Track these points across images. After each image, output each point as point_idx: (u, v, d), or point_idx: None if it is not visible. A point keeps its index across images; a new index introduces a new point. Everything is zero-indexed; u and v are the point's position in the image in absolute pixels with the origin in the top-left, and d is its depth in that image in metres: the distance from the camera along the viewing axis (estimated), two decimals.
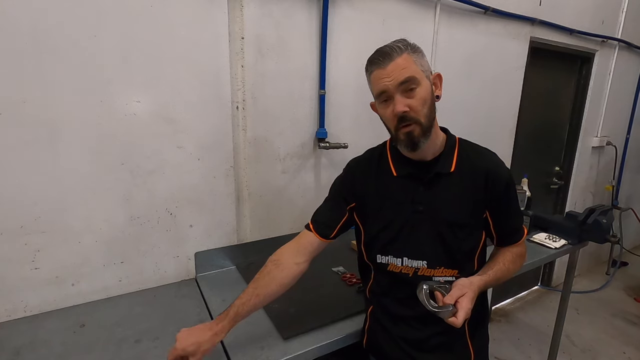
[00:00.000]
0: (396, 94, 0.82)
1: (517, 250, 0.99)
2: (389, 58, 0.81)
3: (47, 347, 1.00)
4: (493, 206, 0.91)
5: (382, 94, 0.84)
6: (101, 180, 1.18)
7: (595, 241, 1.75)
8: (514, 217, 0.97)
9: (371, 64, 0.85)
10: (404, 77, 0.80)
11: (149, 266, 1.31)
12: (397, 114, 0.82)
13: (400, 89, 0.81)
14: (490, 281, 0.89)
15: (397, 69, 0.81)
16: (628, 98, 3.21)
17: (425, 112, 0.83)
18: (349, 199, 0.99)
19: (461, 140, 0.96)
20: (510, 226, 0.97)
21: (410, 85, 0.81)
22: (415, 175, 0.91)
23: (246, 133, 1.42)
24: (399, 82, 0.80)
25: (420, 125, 0.83)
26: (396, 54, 0.81)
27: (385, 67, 0.81)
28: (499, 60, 2.16)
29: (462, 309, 0.77)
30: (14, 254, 1.09)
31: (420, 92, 0.82)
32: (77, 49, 1.08)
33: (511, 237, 0.98)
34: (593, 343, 2.48)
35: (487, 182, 0.89)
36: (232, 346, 0.99)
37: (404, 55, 0.81)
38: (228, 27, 1.29)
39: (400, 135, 0.85)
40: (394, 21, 1.69)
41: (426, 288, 0.81)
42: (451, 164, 0.90)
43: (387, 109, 0.85)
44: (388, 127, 0.89)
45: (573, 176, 2.98)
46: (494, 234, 0.96)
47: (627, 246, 3.47)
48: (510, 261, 0.95)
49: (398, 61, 0.81)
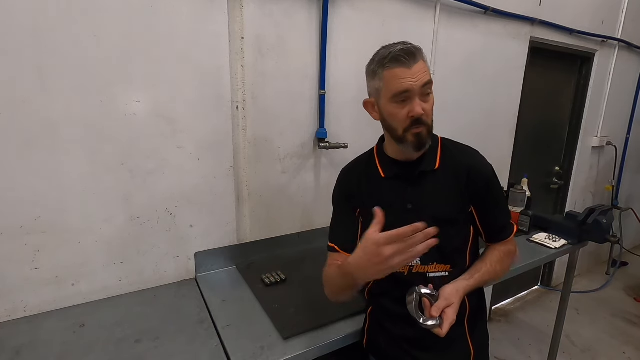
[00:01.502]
0: (416, 96, 0.82)
1: (506, 248, 0.99)
2: (414, 59, 0.81)
3: (47, 347, 1.00)
4: (476, 201, 0.93)
5: (403, 94, 0.82)
6: (101, 180, 1.18)
7: (595, 241, 1.75)
8: (499, 213, 0.98)
9: (394, 61, 0.81)
10: (426, 80, 0.82)
11: (149, 266, 1.31)
12: (415, 116, 0.83)
13: (421, 92, 0.82)
14: (475, 285, 0.90)
15: (420, 71, 0.81)
16: (628, 98, 3.21)
17: (432, 117, 0.87)
18: (353, 205, 1.01)
19: (444, 139, 0.98)
20: (497, 222, 0.97)
21: (428, 90, 0.84)
22: (402, 175, 0.93)
23: (246, 133, 1.42)
24: (422, 83, 0.82)
25: (428, 128, 0.86)
26: (419, 56, 0.82)
27: (410, 67, 0.80)
28: (499, 60, 2.16)
29: (447, 320, 0.79)
30: (14, 254, 1.09)
31: (432, 98, 0.86)
32: (77, 49, 1.08)
33: (499, 233, 0.98)
34: (593, 343, 2.48)
35: (469, 177, 0.91)
36: (232, 346, 0.99)
37: (422, 60, 0.83)
38: (228, 27, 1.29)
39: (409, 137, 0.85)
40: (394, 21, 1.69)
41: (415, 298, 0.82)
42: (435, 161, 0.93)
43: (403, 109, 0.84)
44: (394, 127, 0.87)
45: (573, 176, 2.98)
46: (481, 230, 0.97)
47: (627, 246, 3.47)
48: (498, 261, 0.95)
49: (420, 63, 0.82)
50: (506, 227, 0.99)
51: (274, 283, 1.31)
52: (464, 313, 0.96)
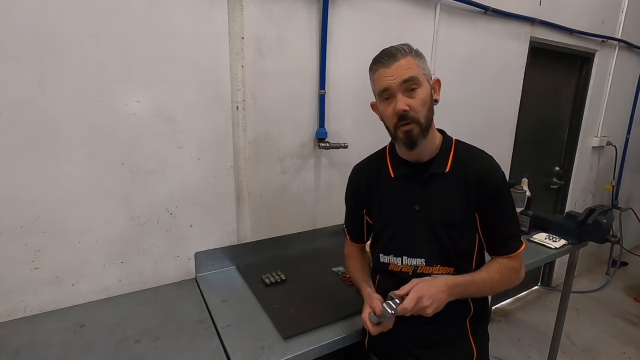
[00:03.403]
0: (398, 93, 0.84)
1: (509, 263, 0.92)
2: (393, 58, 0.84)
3: (47, 347, 1.00)
4: (482, 208, 0.90)
5: (384, 92, 0.86)
6: (101, 180, 1.17)
7: (595, 241, 1.75)
8: (506, 223, 0.92)
9: (376, 63, 0.87)
10: (406, 76, 0.83)
11: (149, 266, 1.31)
12: (397, 112, 0.84)
13: (402, 88, 0.84)
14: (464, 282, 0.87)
15: (400, 69, 0.83)
16: (628, 98, 3.21)
17: (424, 113, 0.86)
18: (361, 204, 1.04)
19: (458, 141, 0.97)
20: (501, 232, 0.92)
21: (412, 85, 0.84)
22: (412, 176, 0.93)
23: (246, 133, 1.42)
24: (401, 80, 0.83)
25: (420, 124, 0.85)
26: (401, 55, 0.84)
27: (389, 66, 0.84)
28: (499, 60, 2.16)
29: (401, 290, 0.82)
30: (14, 254, 1.09)
31: (420, 93, 0.85)
32: (77, 49, 1.08)
33: (502, 245, 0.92)
34: (593, 343, 2.48)
35: (479, 182, 0.89)
36: (232, 346, 0.99)
37: (408, 58, 0.85)
38: (228, 27, 1.29)
39: (399, 134, 0.87)
40: (394, 21, 1.69)
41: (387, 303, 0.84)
42: (446, 164, 0.92)
43: (389, 107, 0.87)
44: (387, 125, 0.91)
45: (573, 176, 2.97)
46: (483, 239, 0.93)
47: (627, 246, 3.47)
48: (497, 270, 0.91)
49: (402, 62, 0.84)
50: (511, 240, 0.93)
51: (274, 283, 1.31)
52: (467, 313, 0.96)
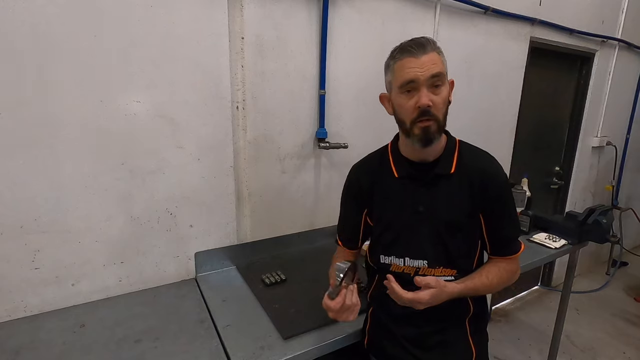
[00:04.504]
0: (423, 87, 0.81)
1: (508, 266, 0.95)
2: (422, 49, 0.81)
3: (47, 347, 1.00)
4: (486, 210, 0.90)
5: (410, 83, 0.82)
6: (101, 180, 1.17)
7: (595, 241, 1.75)
8: (508, 226, 0.94)
9: (402, 52, 0.83)
10: (435, 71, 0.81)
11: (149, 266, 1.31)
12: (421, 106, 0.81)
13: (429, 83, 0.81)
14: (466, 292, 0.88)
15: (429, 62, 0.80)
16: (628, 98, 3.21)
17: (443, 112, 0.85)
18: (362, 205, 1.00)
19: (461, 142, 0.96)
20: (504, 234, 0.94)
21: (438, 82, 0.82)
22: (416, 177, 0.91)
23: (246, 133, 1.42)
24: (430, 74, 0.80)
25: (438, 122, 0.84)
26: (430, 48, 0.81)
27: (418, 57, 0.80)
28: (499, 60, 2.16)
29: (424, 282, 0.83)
30: (14, 254, 1.09)
31: (443, 91, 0.83)
32: (77, 49, 1.08)
33: (504, 247, 0.95)
34: (593, 343, 2.48)
35: (483, 184, 0.89)
36: (232, 346, 0.99)
37: (435, 52, 0.82)
38: (228, 27, 1.29)
39: (416, 129, 0.84)
40: (394, 21, 1.68)
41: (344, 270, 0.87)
42: (451, 165, 0.90)
43: (410, 99, 0.83)
44: (402, 119, 0.87)
45: (573, 176, 2.98)
46: (487, 240, 0.94)
47: (627, 246, 3.47)
48: (496, 275, 0.92)
49: (431, 55, 0.81)
50: (512, 242, 0.95)
51: (274, 283, 1.31)
52: (467, 314, 0.96)
